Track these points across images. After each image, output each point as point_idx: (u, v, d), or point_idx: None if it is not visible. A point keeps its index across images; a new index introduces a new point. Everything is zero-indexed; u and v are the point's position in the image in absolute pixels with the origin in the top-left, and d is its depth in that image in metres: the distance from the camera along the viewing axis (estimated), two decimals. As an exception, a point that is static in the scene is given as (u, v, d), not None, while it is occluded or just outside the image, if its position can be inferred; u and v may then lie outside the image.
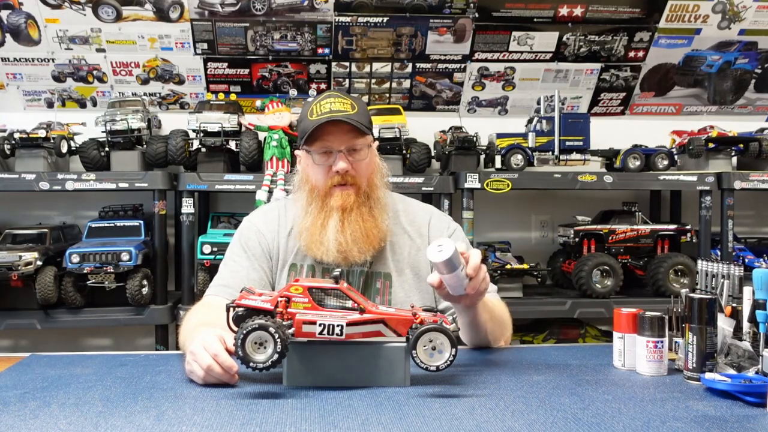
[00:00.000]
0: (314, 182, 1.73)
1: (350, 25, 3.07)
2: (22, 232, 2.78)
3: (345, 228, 1.68)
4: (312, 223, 1.70)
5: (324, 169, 1.70)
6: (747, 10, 3.18)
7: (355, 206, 1.70)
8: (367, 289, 1.75)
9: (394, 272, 1.76)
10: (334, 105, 1.68)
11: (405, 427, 1.11)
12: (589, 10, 3.14)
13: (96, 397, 1.28)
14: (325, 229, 1.68)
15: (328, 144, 1.68)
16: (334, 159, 1.68)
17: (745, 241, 3.28)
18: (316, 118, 1.67)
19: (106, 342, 3.30)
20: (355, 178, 1.71)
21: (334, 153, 1.68)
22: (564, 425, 1.13)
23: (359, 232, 1.68)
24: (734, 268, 1.53)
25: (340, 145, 1.68)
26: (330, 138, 1.67)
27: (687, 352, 1.39)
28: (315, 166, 1.71)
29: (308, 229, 1.70)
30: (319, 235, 1.68)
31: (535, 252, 3.38)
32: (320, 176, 1.71)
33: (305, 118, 1.71)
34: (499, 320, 1.71)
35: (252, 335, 1.25)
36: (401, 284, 1.77)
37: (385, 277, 1.76)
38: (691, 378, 1.38)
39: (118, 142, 2.92)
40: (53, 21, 2.96)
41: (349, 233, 1.67)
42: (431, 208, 1.92)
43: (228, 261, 1.80)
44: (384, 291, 1.75)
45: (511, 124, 3.34)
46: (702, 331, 1.38)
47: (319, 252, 1.68)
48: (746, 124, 3.39)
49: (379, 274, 1.76)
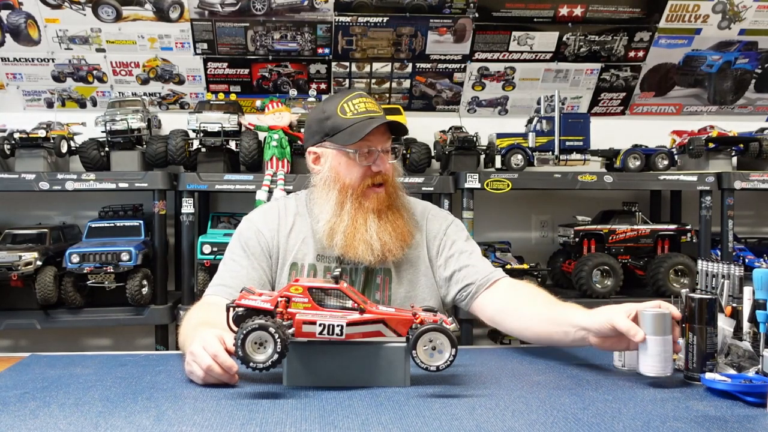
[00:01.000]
0: (348, 181, 1.72)
1: (350, 25, 3.07)
2: (22, 232, 2.78)
3: (387, 226, 1.70)
4: (351, 223, 1.70)
5: (363, 168, 1.70)
6: (747, 10, 3.18)
7: (388, 207, 1.73)
8: (367, 285, 1.75)
9: (394, 268, 1.77)
10: (368, 106, 1.70)
11: (405, 427, 1.11)
12: (589, 10, 3.14)
13: (96, 397, 1.28)
14: (366, 228, 1.69)
15: (372, 144, 1.69)
16: (375, 159, 1.69)
17: (745, 241, 3.28)
18: (355, 116, 1.67)
19: (106, 342, 3.30)
20: (388, 179, 1.73)
21: (375, 153, 1.69)
22: (564, 425, 1.13)
23: (396, 231, 1.71)
24: (734, 268, 1.52)
25: (381, 146, 1.70)
26: (372, 139, 1.68)
27: (687, 352, 1.39)
28: (353, 166, 1.71)
29: (347, 229, 1.69)
30: (362, 235, 1.68)
31: (535, 252, 3.38)
32: (356, 176, 1.71)
33: (335, 115, 1.70)
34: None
35: (252, 335, 1.25)
36: (400, 279, 1.77)
37: (385, 272, 1.77)
38: (691, 378, 1.38)
39: (118, 142, 2.92)
40: (53, 21, 2.96)
41: (388, 233, 1.70)
42: (428, 203, 1.94)
43: (227, 261, 1.80)
44: (384, 287, 1.76)
45: (511, 124, 3.34)
46: (702, 331, 1.37)
47: (363, 251, 1.68)
48: (746, 124, 3.39)
49: (379, 270, 1.76)
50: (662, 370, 1.35)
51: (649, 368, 1.36)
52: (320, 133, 1.74)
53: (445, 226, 1.84)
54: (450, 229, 1.84)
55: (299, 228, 1.79)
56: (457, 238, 1.83)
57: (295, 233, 1.79)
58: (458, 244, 1.81)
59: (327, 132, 1.72)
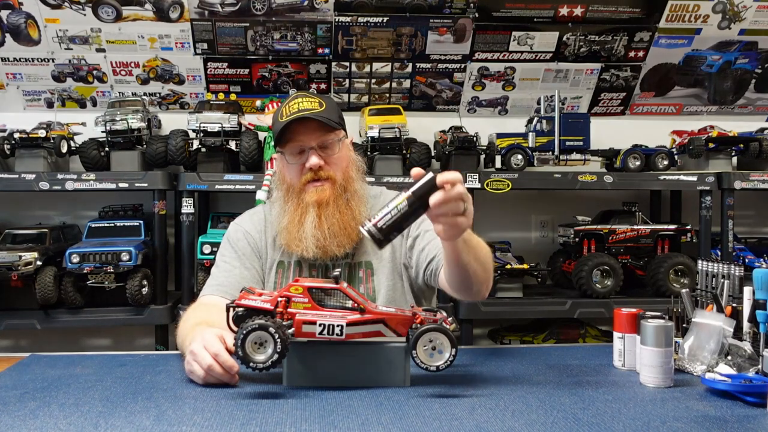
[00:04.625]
0: (289, 181, 1.75)
1: (350, 25, 3.07)
2: (22, 232, 2.78)
3: (322, 222, 1.70)
4: (289, 221, 1.73)
5: (297, 167, 1.73)
6: (747, 10, 3.18)
7: (332, 199, 1.72)
8: (351, 280, 1.77)
9: (374, 259, 1.78)
10: (302, 104, 1.71)
11: (405, 427, 1.11)
12: (589, 10, 3.13)
13: (96, 397, 1.28)
14: (302, 225, 1.70)
15: (299, 143, 1.71)
16: (306, 156, 1.71)
17: (745, 241, 3.28)
18: (286, 119, 1.69)
19: (106, 342, 3.30)
20: (329, 173, 1.73)
21: (306, 150, 1.71)
22: (564, 425, 1.13)
23: (337, 226, 1.70)
24: (734, 268, 1.53)
25: (311, 142, 1.70)
26: (300, 137, 1.70)
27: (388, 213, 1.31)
28: (289, 166, 1.74)
29: (287, 227, 1.73)
30: (297, 232, 1.70)
31: (535, 252, 3.38)
32: (294, 174, 1.74)
33: (276, 120, 1.75)
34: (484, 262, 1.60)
35: (252, 335, 1.25)
36: (382, 269, 1.78)
37: (367, 265, 1.78)
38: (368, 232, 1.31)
39: (118, 142, 2.92)
40: (53, 21, 2.96)
41: (326, 227, 1.69)
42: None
43: (219, 263, 1.82)
44: (366, 279, 1.77)
45: (511, 124, 3.34)
46: None
47: (299, 248, 1.71)
48: (746, 124, 3.39)
49: (361, 264, 1.78)
50: (662, 381, 1.36)
51: (650, 379, 1.37)
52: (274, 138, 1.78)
53: None
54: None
55: None
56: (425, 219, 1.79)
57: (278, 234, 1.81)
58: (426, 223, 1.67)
59: (275, 138, 1.76)
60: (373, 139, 2.97)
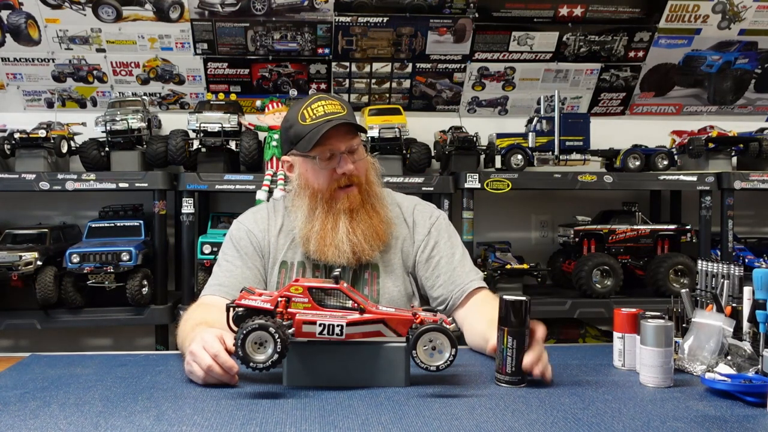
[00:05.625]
0: (317, 186, 1.73)
1: (350, 25, 3.07)
2: (22, 232, 2.78)
3: (355, 228, 1.70)
4: (321, 228, 1.71)
5: (328, 172, 1.71)
6: (747, 10, 3.18)
7: (361, 205, 1.72)
8: (356, 282, 1.76)
9: (381, 262, 1.78)
10: (327, 108, 1.69)
11: (405, 427, 1.11)
12: (589, 10, 3.13)
13: (96, 397, 1.28)
14: (335, 232, 1.69)
15: (331, 147, 1.69)
16: (338, 161, 1.69)
17: (745, 241, 3.28)
18: (313, 122, 1.67)
19: (106, 342, 3.30)
20: (358, 178, 1.73)
21: (337, 155, 1.69)
22: (564, 425, 1.13)
23: (370, 230, 1.71)
24: (734, 268, 1.53)
25: (341, 147, 1.69)
26: (332, 141, 1.68)
27: (506, 356, 1.36)
28: (318, 171, 1.72)
29: (318, 234, 1.71)
30: (332, 239, 1.69)
31: (535, 252, 3.38)
32: (324, 180, 1.72)
33: (296, 123, 1.71)
34: None
35: (252, 335, 1.26)
36: (388, 273, 1.78)
37: (373, 268, 1.78)
38: (511, 383, 1.35)
39: (118, 142, 2.92)
40: (53, 21, 2.96)
41: (360, 232, 1.70)
42: (416, 198, 1.94)
43: (221, 262, 1.81)
44: (372, 281, 1.77)
45: (511, 124, 3.34)
46: (520, 334, 1.36)
47: (333, 255, 1.69)
48: (746, 124, 3.39)
49: (366, 266, 1.77)
50: (662, 381, 1.36)
51: (650, 379, 1.37)
52: (288, 142, 1.76)
53: (429, 224, 1.84)
54: (434, 228, 1.84)
55: (288, 228, 1.81)
56: (439, 239, 1.83)
57: (284, 233, 1.81)
58: (440, 246, 1.82)
59: (292, 140, 1.73)
60: (373, 139, 2.97)
